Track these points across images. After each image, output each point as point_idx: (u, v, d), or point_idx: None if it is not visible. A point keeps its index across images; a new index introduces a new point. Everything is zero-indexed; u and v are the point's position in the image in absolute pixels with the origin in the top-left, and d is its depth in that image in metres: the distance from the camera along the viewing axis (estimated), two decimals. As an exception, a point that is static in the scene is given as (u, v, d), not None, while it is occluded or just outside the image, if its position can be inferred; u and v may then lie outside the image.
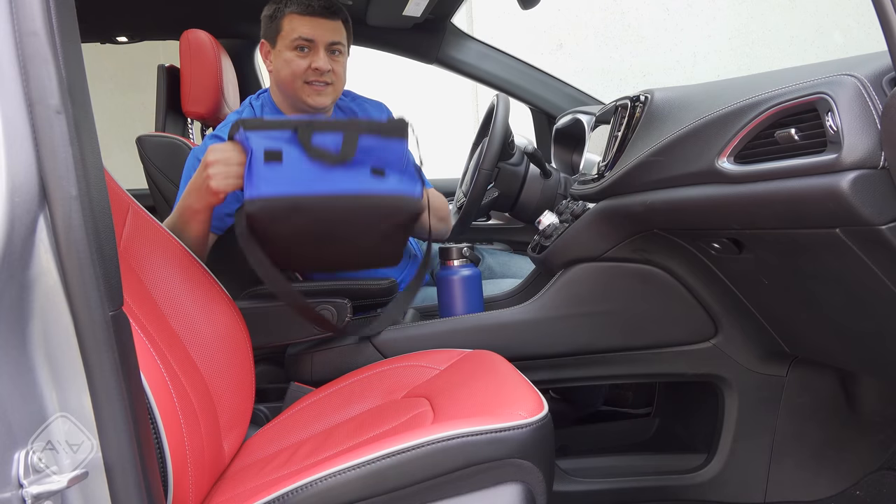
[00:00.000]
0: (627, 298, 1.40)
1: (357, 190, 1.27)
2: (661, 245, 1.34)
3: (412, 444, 0.86)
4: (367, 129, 1.29)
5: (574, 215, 1.46)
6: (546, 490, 0.91)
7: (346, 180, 1.27)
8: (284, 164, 1.23)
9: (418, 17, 2.04)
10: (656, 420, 1.70)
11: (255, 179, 1.22)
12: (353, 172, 1.28)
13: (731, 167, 0.99)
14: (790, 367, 1.40)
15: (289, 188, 1.23)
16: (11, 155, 0.62)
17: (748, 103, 0.97)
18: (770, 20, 4.14)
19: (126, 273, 0.97)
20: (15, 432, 0.61)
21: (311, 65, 1.52)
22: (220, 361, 1.17)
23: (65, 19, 0.66)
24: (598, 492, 1.47)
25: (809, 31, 4.14)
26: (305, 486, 0.85)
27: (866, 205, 0.81)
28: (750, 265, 1.17)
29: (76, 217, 0.65)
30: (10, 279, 0.62)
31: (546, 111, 2.24)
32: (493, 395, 1.04)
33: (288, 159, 1.23)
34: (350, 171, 1.27)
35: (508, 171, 1.74)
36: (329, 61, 1.53)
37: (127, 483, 0.68)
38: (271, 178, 1.22)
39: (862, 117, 0.80)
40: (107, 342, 0.66)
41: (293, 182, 1.23)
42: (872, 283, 0.94)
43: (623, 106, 1.37)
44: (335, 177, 1.26)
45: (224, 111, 1.86)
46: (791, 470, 1.43)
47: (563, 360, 1.43)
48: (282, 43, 1.53)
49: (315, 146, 1.25)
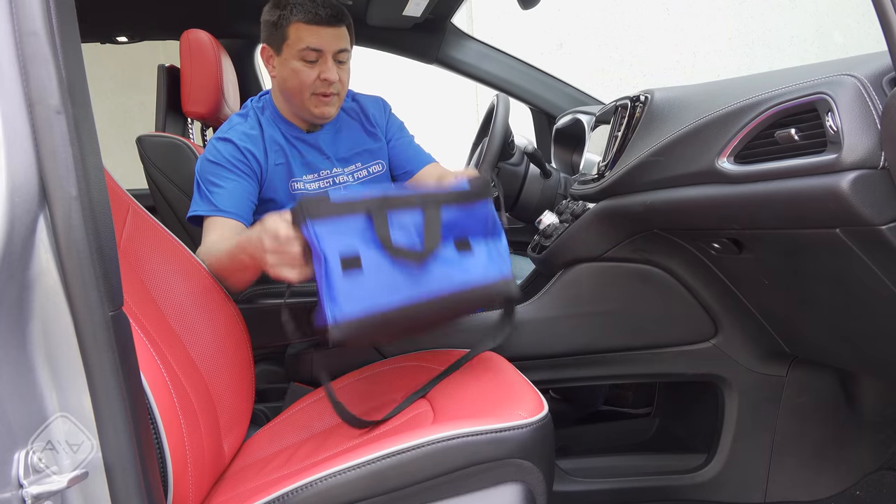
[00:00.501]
0: (627, 298, 1.40)
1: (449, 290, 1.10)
2: (661, 245, 1.34)
3: (412, 444, 0.86)
4: (447, 201, 1.13)
5: (574, 215, 1.46)
6: (546, 490, 0.92)
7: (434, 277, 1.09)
8: (365, 272, 1.03)
9: (418, 17, 2.04)
10: (656, 420, 1.70)
11: (335, 297, 1.01)
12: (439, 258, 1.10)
13: (731, 167, 0.99)
14: (790, 367, 1.40)
15: (375, 301, 1.03)
16: (11, 155, 0.62)
17: (748, 103, 0.97)
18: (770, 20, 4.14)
19: (126, 273, 0.97)
20: (15, 432, 0.61)
21: (321, 75, 1.49)
22: (220, 361, 1.17)
23: (65, 19, 0.66)
24: (598, 492, 1.47)
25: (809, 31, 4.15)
26: (305, 486, 0.85)
27: (866, 205, 0.81)
28: (750, 265, 1.17)
29: (76, 217, 0.65)
30: (10, 279, 0.62)
31: (546, 111, 2.24)
32: (493, 395, 1.04)
33: (368, 265, 1.04)
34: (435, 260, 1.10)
35: (508, 171, 1.74)
36: (336, 70, 1.51)
37: (127, 483, 0.68)
38: (353, 292, 1.02)
39: (862, 117, 0.80)
40: (107, 342, 0.66)
41: (378, 293, 1.04)
42: (872, 283, 0.94)
43: (623, 106, 1.37)
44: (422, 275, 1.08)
45: (224, 111, 1.86)
46: (791, 470, 1.43)
47: (563, 360, 1.43)
48: (288, 51, 1.50)
49: (396, 245, 1.06)
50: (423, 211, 1.10)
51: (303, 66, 1.49)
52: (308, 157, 1.59)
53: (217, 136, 1.54)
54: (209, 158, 1.49)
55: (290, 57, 1.50)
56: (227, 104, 1.88)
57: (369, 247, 1.05)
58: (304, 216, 1.02)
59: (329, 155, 1.61)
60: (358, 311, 1.02)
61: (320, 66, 1.49)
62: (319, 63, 1.49)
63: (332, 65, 1.50)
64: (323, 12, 1.47)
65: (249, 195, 1.50)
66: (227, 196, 1.45)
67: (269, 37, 1.53)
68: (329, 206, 1.04)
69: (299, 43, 1.47)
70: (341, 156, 1.64)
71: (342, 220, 1.04)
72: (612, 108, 1.45)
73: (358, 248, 1.04)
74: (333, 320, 1.00)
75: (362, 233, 1.05)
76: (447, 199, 1.13)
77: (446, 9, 2.05)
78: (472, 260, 1.14)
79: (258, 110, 1.60)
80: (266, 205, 1.55)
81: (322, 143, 1.61)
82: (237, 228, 1.44)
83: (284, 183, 1.55)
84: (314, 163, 1.59)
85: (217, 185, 1.46)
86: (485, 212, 1.18)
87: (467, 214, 1.15)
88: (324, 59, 1.49)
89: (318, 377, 1.13)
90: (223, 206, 1.44)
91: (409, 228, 1.08)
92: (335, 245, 1.02)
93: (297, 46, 1.48)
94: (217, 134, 1.55)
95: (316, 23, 1.47)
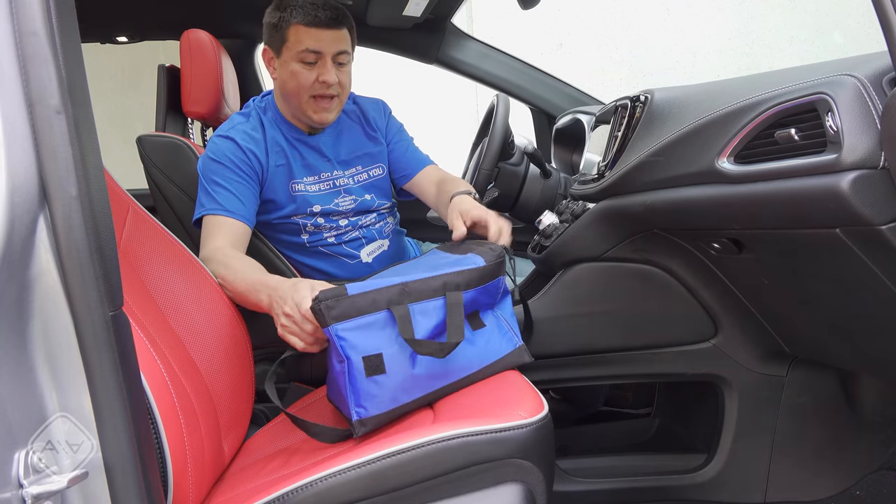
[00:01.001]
0: (627, 298, 1.40)
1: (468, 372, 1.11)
2: (661, 245, 1.34)
3: (412, 444, 0.86)
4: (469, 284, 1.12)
5: (574, 215, 1.46)
6: (546, 490, 0.91)
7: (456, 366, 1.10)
8: (389, 373, 1.03)
9: (418, 17, 2.04)
10: (656, 420, 1.70)
11: (360, 400, 1.02)
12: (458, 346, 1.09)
13: (731, 167, 0.99)
14: (790, 367, 1.40)
15: (398, 400, 1.05)
16: (11, 155, 0.62)
17: (748, 103, 0.97)
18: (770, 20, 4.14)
19: (126, 273, 0.97)
20: (15, 432, 0.61)
21: (319, 77, 1.49)
22: (220, 361, 1.17)
23: (65, 19, 0.66)
24: (598, 492, 1.47)
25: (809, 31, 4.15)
26: (305, 486, 0.85)
27: (866, 205, 0.81)
28: (750, 265, 1.17)
29: (76, 217, 0.65)
30: (10, 279, 0.62)
31: (546, 111, 2.24)
32: (494, 396, 1.04)
33: (391, 365, 1.04)
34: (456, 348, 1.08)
35: (508, 171, 1.74)
36: (336, 73, 1.50)
37: (127, 483, 0.68)
38: (377, 394, 1.03)
39: (862, 117, 0.80)
40: (107, 342, 0.66)
41: (401, 392, 1.05)
42: (872, 283, 0.94)
43: (623, 106, 1.37)
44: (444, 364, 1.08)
45: (224, 111, 1.86)
46: (791, 470, 1.43)
47: (563, 360, 1.43)
48: (287, 53, 1.50)
49: (421, 341, 1.05)
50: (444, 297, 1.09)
51: (301, 68, 1.49)
52: (309, 159, 1.59)
53: (219, 133, 1.54)
54: (211, 157, 1.49)
55: (289, 59, 1.49)
56: (227, 104, 1.88)
57: (392, 344, 1.04)
58: (325, 320, 1.02)
59: (330, 157, 1.62)
60: (381, 409, 1.03)
61: (319, 68, 1.49)
62: (318, 65, 1.49)
63: (330, 67, 1.49)
64: (322, 14, 1.46)
65: (253, 196, 1.50)
66: (232, 197, 1.46)
67: (270, 39, 1.53)
68: (350, 304, 1.03)
69: (298, 45, 1.47)
70: (342, 158, 1.64)
71: (364, 319, 1.04)
72: (612, 108, 1.45)
73: (382, 347, 1.04)
74: (359, 418, 1.02)
75: (386, 331, 1.05)
76: (468, 282, 1.12)
77: (446, 9, 2.05)
78: (486, 336, 1.15)
79: (260, 110, 1.60)
80: (266, 205, 1.55)
81: (323, 145, 1.61)
82: (241, 230, 1.45)
83: (285, 184, 1.55)
84: (315, 165, 1.59)
85: (220, 185, 1.46)
86: (497, 286, 1.18)
87: (483, 291, 1.16)
88: (323, 61, 1.49)
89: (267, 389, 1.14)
90: (229, 206, 1.44)
91: (430, 321, 1.08)
92: (359, 346, 1.03)
93: (296, 48, 1.48)
94: (218, 131, 1.55)
95: (315, 25, 1.46)
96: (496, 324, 1.18)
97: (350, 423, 1.03)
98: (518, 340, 1.19)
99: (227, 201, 1.45)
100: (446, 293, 1.09)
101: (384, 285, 1.06)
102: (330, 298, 1.03)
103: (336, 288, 1.05)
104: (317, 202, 1.57)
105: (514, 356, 1.17)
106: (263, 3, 1.55)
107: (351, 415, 1.03)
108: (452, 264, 1.14)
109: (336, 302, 1.03)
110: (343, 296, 1.03)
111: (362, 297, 1.04)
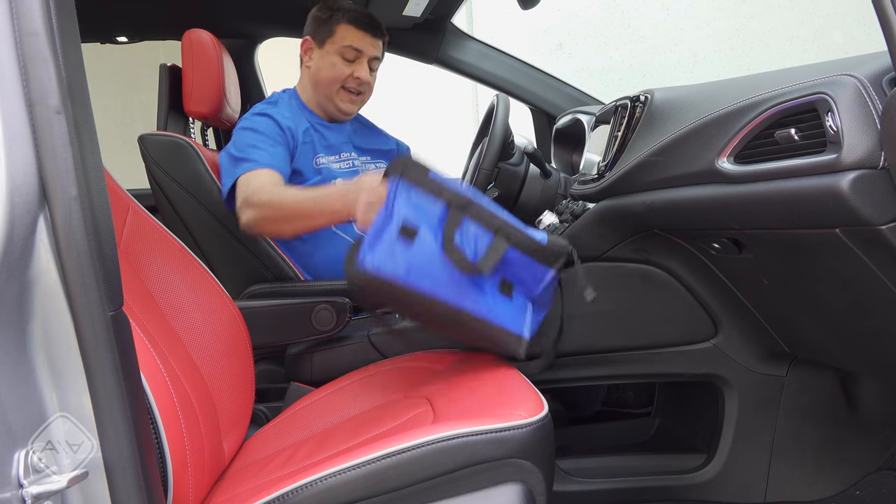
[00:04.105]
0: (627, 298, 1.40)
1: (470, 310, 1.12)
2: (661, 245, 1.34)
3: (412, 444, 0.86)
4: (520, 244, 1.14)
5: (574, 215, 1.46)
6: (546, 490, 0.91)
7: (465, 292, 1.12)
8: (415, 247, 1.07)
9: (418, 17, 2.04)
10: (656, 420, 1.70)
11: (376, 249, 1.06)
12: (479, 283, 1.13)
13: (731, 167, 0.99)
14: (790, 367, 1.40)
15: (406, 275, 1.07)
16: (11, 155, 0.62)
17: (748, 103, 0.97)
18: (770, 20, 4.14)
19: (126, 273, 0.97)
20: (15, 432, 0.61)
21: (354, 73, 1.69)
22: (220, 361, 1.17)
23: (65, 19, 0.66)
24: (598, 492, 1.47)
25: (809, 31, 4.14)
26: (305, 486, 0.85)
27: (866, 205, 0.81)
28: (750, 265, 1.17)
29: (76, 217, 0.65)
30: (10, 279, 0.62)
31: (546, 111, 2.24)
32: (493, 395, 1.04)
33: (420, 244, 1.08)
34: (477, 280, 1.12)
35: (508, 171, 1.74)
36: (368, 73, 1.71)
37: (127, 483, 0.68)
38: (394, 256, 1.07)
39: (862, 117, 0.80)
40: (107, 342, 0.66)
41: (413, 270, 1.08)
42: (872, 283, 0.94)
43: (623, 106, 1.37)
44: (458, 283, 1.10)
45: (226, 111, 1.86)
46: (791, 470, 1.43)
47: (563, 360, 1.43)
48: (331, 46, 1.69)
49: (455, 246, 1.09)
50: (493, 235, 1.12)
51: (340, 62, 1.69)
52: (330, 139, 1.75)
53: (255, 111, 1.68)
54: (248, 127, 1.60)
55: (331, 51, 1.69)
56: (228, 104, 1.88)
57: (431, 232, 1.09)
58: (399, 172, 1.09)
59: (348, 140, 1.79)
60: (387, 271, 1.05)
61: (356, 65, 1.70)
62: (356, 63, 1.70)
63: (366, 67, 1.71)
64: (370, 21, 1.71)
65: (287, 162, 1.60)
66: (270, 157, 1.55)
67: (316, 30, 1.72)
68: (424, 176, 1.10)
69: (343, 41, 1.68)
70: (358, 145, 1.81)
71: (426, 197, 1.10)
72: (612, 108, 1.45)
73: (422, 226, 1.08)
74: (362, 266, 1.05)
75: (434, 218, 1.09)
76: (519, 240, 1.14)
77: (446, 9, 2.05)
78: (506, 305, 1.16)
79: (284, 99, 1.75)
80: (292, 178, 1.63)
81: (341, 131, 1.78)
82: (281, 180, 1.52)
83: (310, 159, 1.68)
84: (336, 145, 1.75)
85: (258, 147, 1.55)
86: (543, 275, 1.18)
87: (526, 265, 1.16)
88: (361, 60, 1.70)
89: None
90: (267, 162, 1.52)
91: (471, 240, 1.11)
92: (406, 211, 1.08)
93: (341, 43, 1.68)
94: (255, 110, 1.69)
95: (362, 28, 1.69)
96: (521, 305, 1.19)
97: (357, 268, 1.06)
98: (525, 333, 1.18)
99: (264, 158, 1.53)
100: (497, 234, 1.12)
101: (458, 191, 1.12)
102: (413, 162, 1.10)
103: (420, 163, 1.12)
104: (340, 176, 1.70)
105: (512, 339, 1.16)
106: (263, 3, 1.56)
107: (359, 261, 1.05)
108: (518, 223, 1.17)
109: (415, 168, 1.10)
110: (424, 168, 1.11)
111: (434, 183, 1.10)
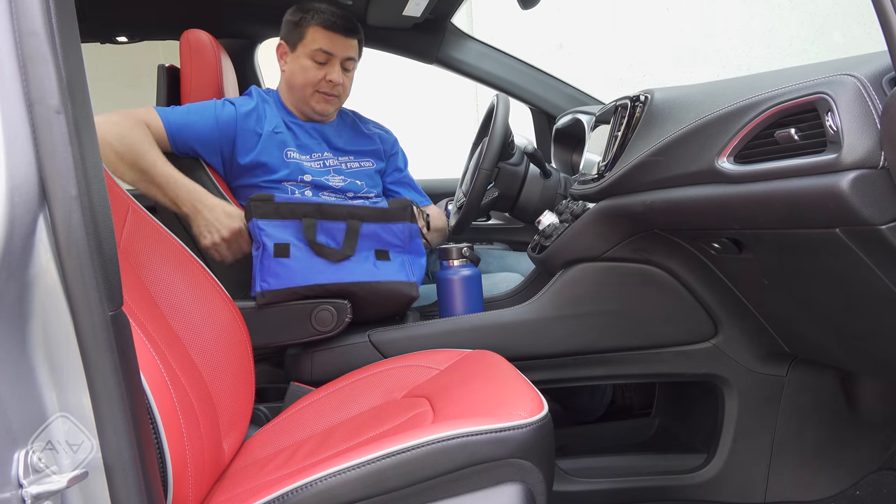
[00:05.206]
0: (627, 298, 1.40)
1: (360, 279, 1.42)
2: (660, 245, 1.34)
3: (412, 444, 0.86)
4: (368, 217, 1.46)
5: (574, 215, 1.46)
6: (546, 490, 0.91)
7: (349, 270, 1.42)
8: (293, 258, 1.40)
9: (418, 17, 2.04)
10: (656, 420, 1.70)
11: (264, 274, 1.39)
12: (356, 262, 1.44)
13: (731, 167, 0.99)
14: (790, 367, 1.40)
15: (295, 281, 1.39)
16: (11, 155, 0.62)
17: (748, 103, 0.97)
18: (770, 20, 4.14)
19: (126, 273, 0.97)
20: (15, 432, 0.61)
21: (326, 76, 1.65)
22: (220, 361, 1.17)
23: (65, 19, 0.66)
24: (598, 492, 1.47)
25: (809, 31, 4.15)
26: (305, 486, 0.85)
27: (866, 205, 0.81)
28: (750, 265, 1.17)
29: (76, 217, 0.65)
30: (10, 279, 0.62)
31: (546, 111, 2.24)
32: (493, 395, 1.04)
33: (294, 254, 1.40)
34: (354, 261, 1.44)
35: (508, 171, 1.74)
36: (341, 75, 1.67)
37: (127, 483, 0.68)
38: (280, 272, 1.39)
39: (862, 117, 0.80)
40: (107, 342, 0.66)
41: (299, 276, 1.39)
42: (872, 283, 0.94)
43: (623, 106, 1.37)
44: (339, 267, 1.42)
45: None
46: (791, 470, 1.43)
47: (564, 360, 1.43)
48: (302, 50, 1.66)
49: (319, 242, 1.42)
50: (346, 224, 1.44)
51: (312, 65, 1.65)
52: (303, 139, 1.70)
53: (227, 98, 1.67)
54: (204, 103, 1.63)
55: (302, 55, 1.66)
56: (227, 104, 1.88)
57: (300, 241, 1.42)
58: (251, 215, 1.42)
59: (323, 141, 1.73)
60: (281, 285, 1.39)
61: (328, 68, 1.66)
62: (328, 66, 1.66)
63: (338, 69, 1.67)
64: (340, 22, 1.65)
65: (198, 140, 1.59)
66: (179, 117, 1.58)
67: (288, 34, 1.68)
68: (272, 207, 1.42)
69: (314, 44, 1.64)
70: (336, 146, 1.75)
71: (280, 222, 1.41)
72: (612, 108, 1.45)
73: (290, 241, 1.41)
74: (260, 290, 1.40)
75: (295, 232, 1.42)
76: (366, 215, 1.47)
77: (446, 9, 2.05)
78: (387, 266, 1.47)
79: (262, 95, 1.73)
80: (257, 169, 1.62)
81: (317, 131, 1.73)
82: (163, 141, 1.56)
83: (279, 151, 1.64)
84: (308, 145, 1.70)
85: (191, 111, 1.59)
86: (403, 230, 1.50)
87: (385, 230, 1.48)
88: (332, 63, 1.66)
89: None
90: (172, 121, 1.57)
91: (333, 234, 1.44)
92: (273, 235, 1.40)
93: (311, 47, 1.64)
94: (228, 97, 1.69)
95: (332, 30, 1.64)
96: (400, 263, 1.49)
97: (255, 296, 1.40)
98: (413, 279, 1.49)
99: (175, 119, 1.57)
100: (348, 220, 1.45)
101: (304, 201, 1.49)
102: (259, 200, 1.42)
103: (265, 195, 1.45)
104: (309, 172, 1.66)
105: (404, 286, 1.47)
106: (263, 3, 1.56)
107: (256, 288, 1.39)
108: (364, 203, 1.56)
109: (262, 204, 1.42)
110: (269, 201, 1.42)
111: (284, 206, 1.43)
